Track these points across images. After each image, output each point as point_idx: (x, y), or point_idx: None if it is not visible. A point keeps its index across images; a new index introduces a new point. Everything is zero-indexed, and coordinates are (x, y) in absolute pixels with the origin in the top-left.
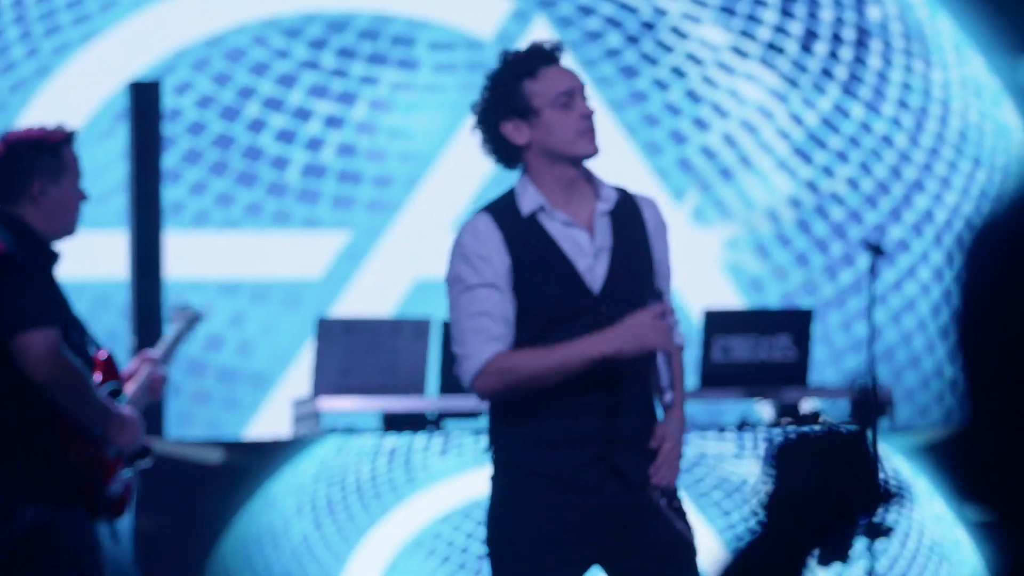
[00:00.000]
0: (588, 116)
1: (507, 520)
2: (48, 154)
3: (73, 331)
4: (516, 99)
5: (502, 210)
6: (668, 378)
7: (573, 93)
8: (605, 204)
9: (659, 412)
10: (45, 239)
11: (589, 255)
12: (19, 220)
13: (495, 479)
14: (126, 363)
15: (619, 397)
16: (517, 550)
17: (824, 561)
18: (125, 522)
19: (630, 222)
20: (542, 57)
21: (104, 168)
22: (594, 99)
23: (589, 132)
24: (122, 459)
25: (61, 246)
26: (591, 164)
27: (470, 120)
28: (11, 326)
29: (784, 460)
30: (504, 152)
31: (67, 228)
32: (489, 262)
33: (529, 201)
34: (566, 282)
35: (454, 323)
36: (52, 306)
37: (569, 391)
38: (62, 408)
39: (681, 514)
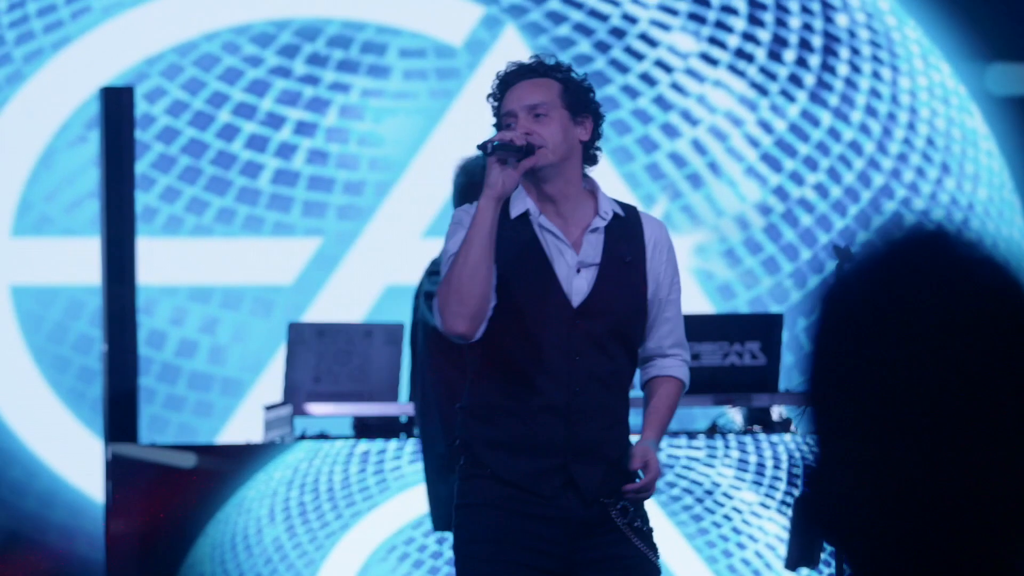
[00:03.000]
0: (524, 135)
1: (470, 520)
2: None
3: None
4: (497, 124)
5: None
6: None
7: (514, 113)
8: (600, 221)
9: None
10: None
11: (571, 268)
12: None
13: (460, 479)
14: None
15: (579, 403)
16: (479, 550)
17: (791, 565)
18: None
19: (627, 241)
20: (503, 81)
21: (76, 174)
22: (552, 109)
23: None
24: None
25: None
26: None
27: (444, 127)
28: None
29: None
30: None
31: None
32: None
33: (518, 206)
34: (544, 287)
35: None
36: None
37: (530, 393)
38: None
39: (643, 534)
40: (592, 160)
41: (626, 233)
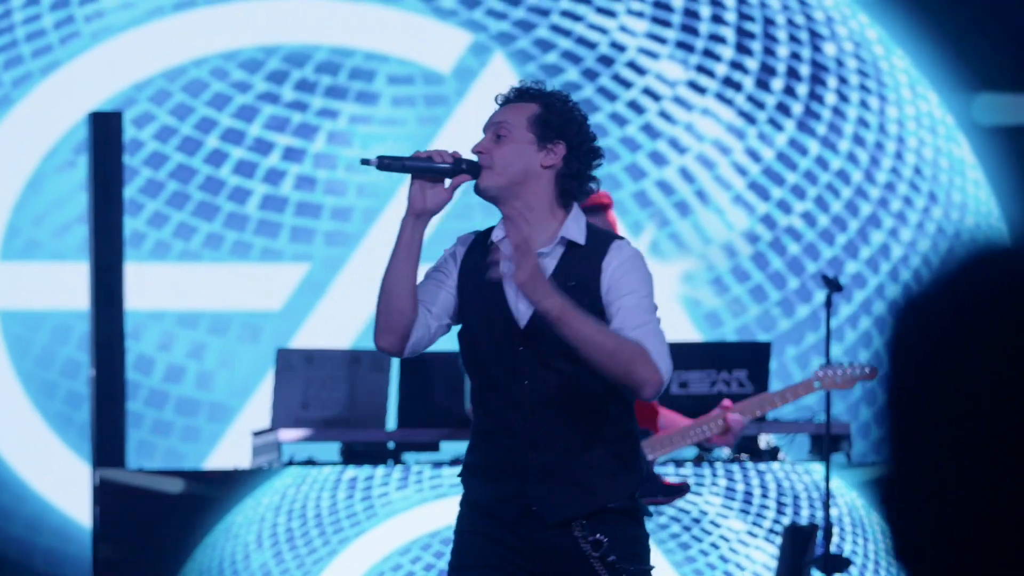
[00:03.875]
0: (478, 152)
1: (453, 547)
2: (598, 214)
3: None
4: None
5: (484, 231)
6: None
7: (484, 130)
8: (547, 247)
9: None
10: None
11: (519, 291)
12: None
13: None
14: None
15: (532, 426)
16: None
17: None
18: None
19: (580, 268)
20: (498, 103)
21: (64, 199)
22: (515, 130)
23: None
24: None
25: None
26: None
27: None
28: None
29: None
30: None
31: None
32: (444, 258)
33: (498, 231)
34: (495, 309)
35: None
36: None
37: (490, 417)
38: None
39: (616, 571)
40: (570, 189)
41: (583, 260)
